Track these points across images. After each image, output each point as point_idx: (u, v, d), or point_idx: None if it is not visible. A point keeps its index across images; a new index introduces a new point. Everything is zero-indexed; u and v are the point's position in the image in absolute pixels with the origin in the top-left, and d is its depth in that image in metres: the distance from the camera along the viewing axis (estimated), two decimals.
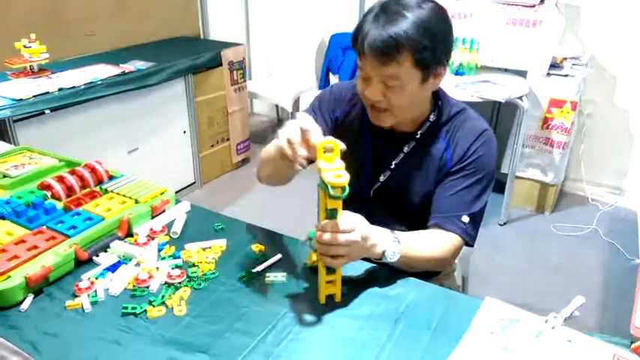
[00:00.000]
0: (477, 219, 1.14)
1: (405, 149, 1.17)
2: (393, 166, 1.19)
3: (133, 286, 1.00)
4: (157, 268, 1.05)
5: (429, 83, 1.06)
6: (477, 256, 1.61)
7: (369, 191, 1.23)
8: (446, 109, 1.16)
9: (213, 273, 1.04)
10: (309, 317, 0.93)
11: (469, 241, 1.13)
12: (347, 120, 1.22)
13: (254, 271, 1.04)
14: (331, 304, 0.96)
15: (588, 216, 2.87)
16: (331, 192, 0.84)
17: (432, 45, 0.99)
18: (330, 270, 0.94)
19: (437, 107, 1.16)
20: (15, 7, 2.51)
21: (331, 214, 0.89)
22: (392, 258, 0.98)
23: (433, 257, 1.08)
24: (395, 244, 0.99)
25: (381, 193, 1.22)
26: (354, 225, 0.90)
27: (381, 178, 1.21)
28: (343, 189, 0.85)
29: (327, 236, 0.88)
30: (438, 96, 1.17)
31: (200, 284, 1.01)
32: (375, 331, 0.89)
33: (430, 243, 1.09)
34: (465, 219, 1.11)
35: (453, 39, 1.07)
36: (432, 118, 1.15)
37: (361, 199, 1.22)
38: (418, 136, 1.16)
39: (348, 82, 1.28)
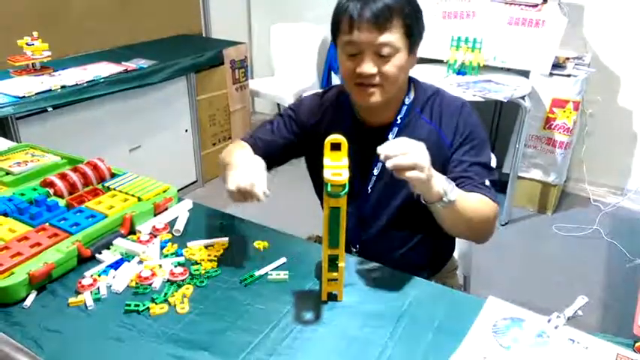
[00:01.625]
0: (495, 181, 1.20)
1: (390, 137, 1.19)
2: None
3: (136, 283, 1.00)
4: (160, 265, 1.05)
5: (411, 58, 1.13)
6: (478, 255, 1.60)
7: (366, 188, 1.23)
8: (421, 93, 1.21)
9: (216, 271, 1.04)
10: (311, 315, 0.93)
11: (494, 200, 1.16)
12: (321, 127, 1.25)
13: (256, 274, 1.04)
14: (333, 303, 0.96)
15: (590, 216, 2.87)
16: (329, 189, 0.84)
17: (415, 13, 1.09)
18: (333, 267, 0.93)
19: (410, 90, 1.21)
20: (17, 5, 2.52)
21: (334, 213, 0.88)
22: (451, 196, 1.00)
23: (479, 212, 1.10)
24: (451, 184, 1.02)
25: (379, 187, 1.23)
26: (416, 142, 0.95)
27: (375, 172, 1.21)
28: (343, 187, 0.84)
29: (392, 150, 0.91)
30: (409, 81, 1.22)
31: (202, 282, 1.01)
32: (378, 330, 0.89)
33: (474, 197, 1.12)
34: (487, 183, 1.17)
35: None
36: (407, 101, 1.20)
37: (361, 197, 1.22)
38: (399, 122, 1.19)
39: (309, 96, 1.33)
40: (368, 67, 1.08)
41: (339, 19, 1.09)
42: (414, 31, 1.09)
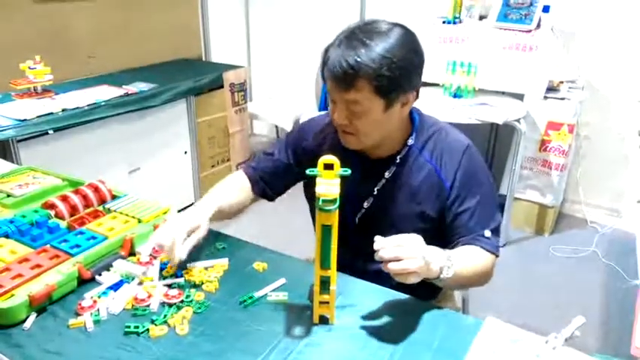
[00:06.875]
0: (498, 228, 1.16)
1: (387, 174, 1.16)
2: (375, 192, 1.18)
3: (132, 305, 1.00)
4: (155, 287, 1.05)
5: (395, 110, 1.07)
6: None
7: (354, 219, 1.21)
8: (423, 131, 1.17)
9: (215, 292, 1.05)
10: (311, 337, 0.94)
11: (496, 252, 1.14)
12: (321, 151, 1.21)
13: (256, 295, 1.04)
14: (333, 324, 0.96)
15: (587, 238, 2.88)
16: (320, 203, 0.85)
17: (392, 74, 1.00)
18: (324, 290, 0.94)
19: (414, 131, 1.16)
20: (19, 30, 2.56)
21: (326, 231, 0.89)
22: (447, 274, 0.97)
23: (477, 272, 1.09)
24: (448, 261, 0.98)
25: (367, 220, 1.20)
26: (410, 237, 0.92)
27: (365, 205, 1.19)
28: (334, 201, 0.85)
29: (389, 252, 0.89)
30: (414, 119, 1.18)
31: (200, 308, 1.00)
32: (377, 351, 0.90)
33: (473, 258, 1.09)
34: (488, 234, 1.13)
35: (419, 65, 1.06)
36: (410, 142, 1.16)
37: (347, 227, 1.17)
38: (398, 161, 1.16)
39: (320, 115, 1.31)
40: (339, 118, 1.07)
41: (322, 61, 1.07)
42: (389, 90, 1.01)
